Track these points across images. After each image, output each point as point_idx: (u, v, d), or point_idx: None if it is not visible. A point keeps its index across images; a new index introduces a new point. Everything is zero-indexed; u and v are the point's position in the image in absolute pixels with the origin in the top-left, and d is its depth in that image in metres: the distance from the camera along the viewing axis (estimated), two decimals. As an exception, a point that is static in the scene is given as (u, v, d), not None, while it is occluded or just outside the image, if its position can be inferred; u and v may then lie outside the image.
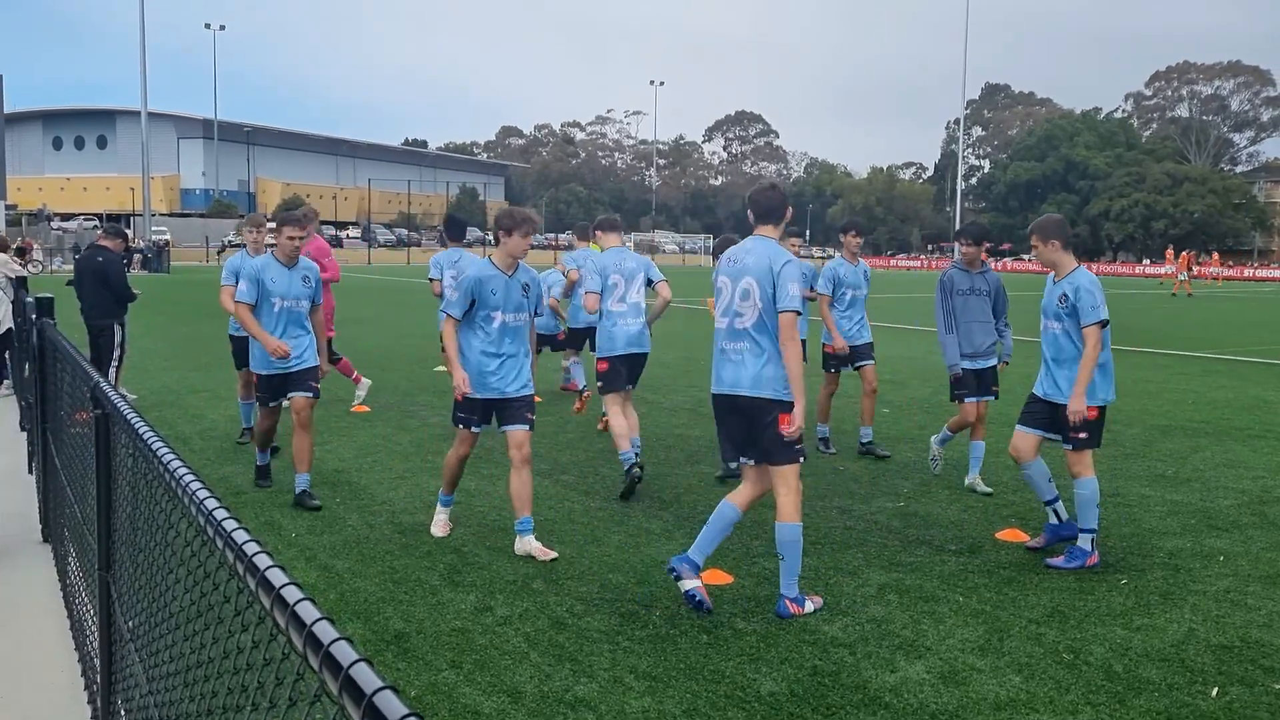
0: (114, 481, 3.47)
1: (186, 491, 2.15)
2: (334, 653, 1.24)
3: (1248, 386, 14.62)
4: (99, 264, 10.47)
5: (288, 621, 1.40)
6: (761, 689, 4.53)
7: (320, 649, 1.27)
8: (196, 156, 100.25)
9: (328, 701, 1.26)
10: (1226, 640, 5.21)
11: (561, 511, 7.41)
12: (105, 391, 3.40)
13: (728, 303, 5.52)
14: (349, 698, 1.16)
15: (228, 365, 15.16)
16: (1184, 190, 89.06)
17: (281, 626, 1.41)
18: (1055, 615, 5.51)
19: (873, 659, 4.88)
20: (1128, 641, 5.16)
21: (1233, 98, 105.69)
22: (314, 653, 1.28)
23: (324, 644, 1.28)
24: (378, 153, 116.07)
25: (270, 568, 1.61)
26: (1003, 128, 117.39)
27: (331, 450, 9.36)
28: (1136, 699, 4.52)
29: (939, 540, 6.86)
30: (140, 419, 2.87)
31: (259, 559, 1.65)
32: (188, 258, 64.81)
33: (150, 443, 2.57)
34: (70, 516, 5.05)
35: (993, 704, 4.44)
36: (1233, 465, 9.22)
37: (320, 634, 1.30)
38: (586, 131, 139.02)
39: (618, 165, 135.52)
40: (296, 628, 1.36)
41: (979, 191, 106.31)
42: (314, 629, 1.32)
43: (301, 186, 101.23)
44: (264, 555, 1.67)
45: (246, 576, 1.66)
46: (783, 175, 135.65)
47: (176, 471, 2.30)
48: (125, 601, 3.24)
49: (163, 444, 2.56)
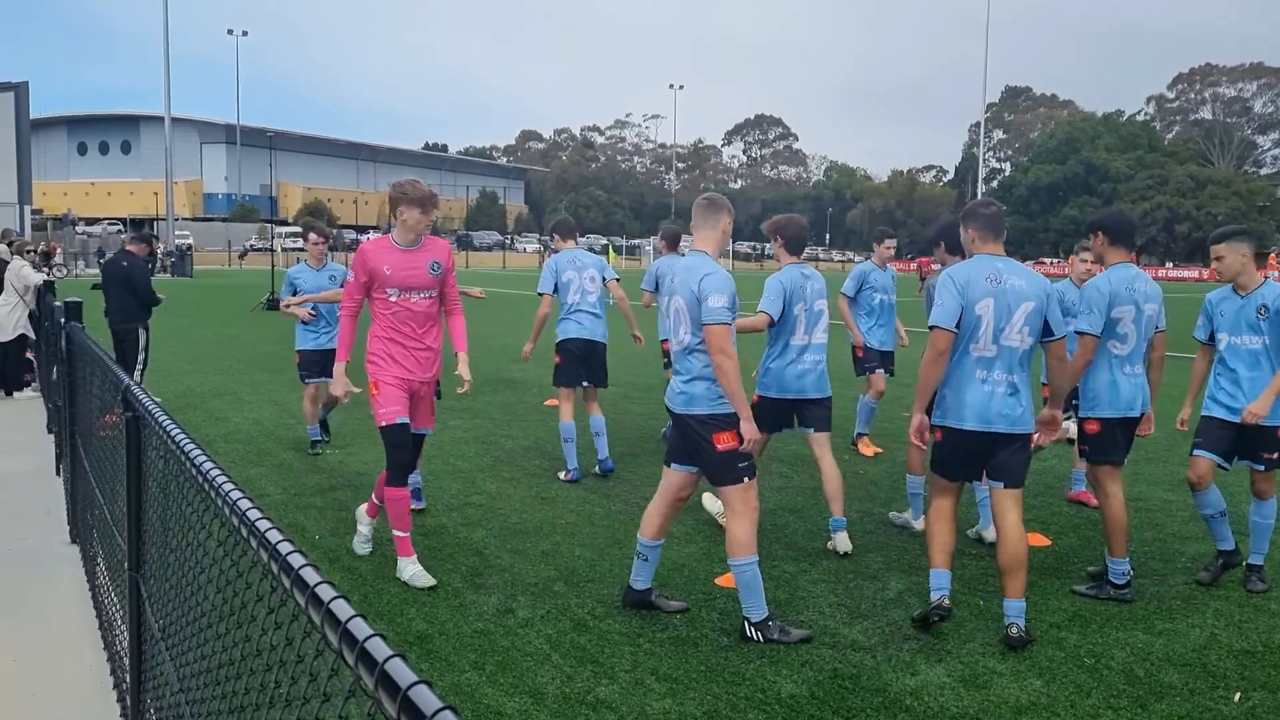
0: (144, 483, 3.53)
1: (220, 493, 2.19)
2: (369, 649, 1.28)
3: (1272, 391, 14.50)
4: (124, 269, 10.59)
5: (323, 619, 1.44)
6: (782, 691, 4.54)
7: (355, 645, 1.30)
8: (219, 161, 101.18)
9: (362, 697, 1.30)
10: (1249, 645, 5.19)
11: (583, 515, 7.45)
12: (136, 394, 3.46)
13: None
14: (384, 692, 1.20)
15: (252, 369, 15.36)
16: (1207, 193, 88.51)
17: (317, 624, 1.45)
18: (1076, 619, 5.50)
19: (893, 662, 4.89)
20: (1149, 646, 5.15)
21: (1256, 99, 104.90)
22: (349, 649, 1.32)
23: (359, 640, 1.31)
24: (398, 157, 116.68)
25: (304, 566, 1.65)
26: (1024, 130, 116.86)
27: (353, 453, 9.43)
28: (1158, 704, 4.51)
29: (959, 544, 6.81)
30: (171, 421, 2.92)
31: (293, 558, 1.69)
32: (210, 261, 65.31)
33: (183, 444, 2.62)
34: (99, 518, 5.13)
35: (1013, 708, 4.44)
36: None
37: (355, 631, 1.33)
38: (606, 135, 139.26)
39: (637, 169, 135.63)
40: (331, 625, 1.39)
41: (1000, 194, 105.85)
42: (349, 626, 1.36)
43: (323, 191, 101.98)
44: (298, 554, 1.71)
45: (281, 575, 1.70)
46: (802, 179, 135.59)
47: (209, 473, 2.35)
48: (156, 601, 3.29)
49: (195, 445, 2.61)
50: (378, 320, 6.07)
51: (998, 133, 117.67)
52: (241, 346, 18.71)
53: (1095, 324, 5.75)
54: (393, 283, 5.98)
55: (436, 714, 1.09)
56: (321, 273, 9.40)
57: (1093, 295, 5.80)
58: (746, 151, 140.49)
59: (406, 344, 6.03)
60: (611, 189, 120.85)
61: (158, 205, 73.27)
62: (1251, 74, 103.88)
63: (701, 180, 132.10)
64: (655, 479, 8.40)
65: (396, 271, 6.00)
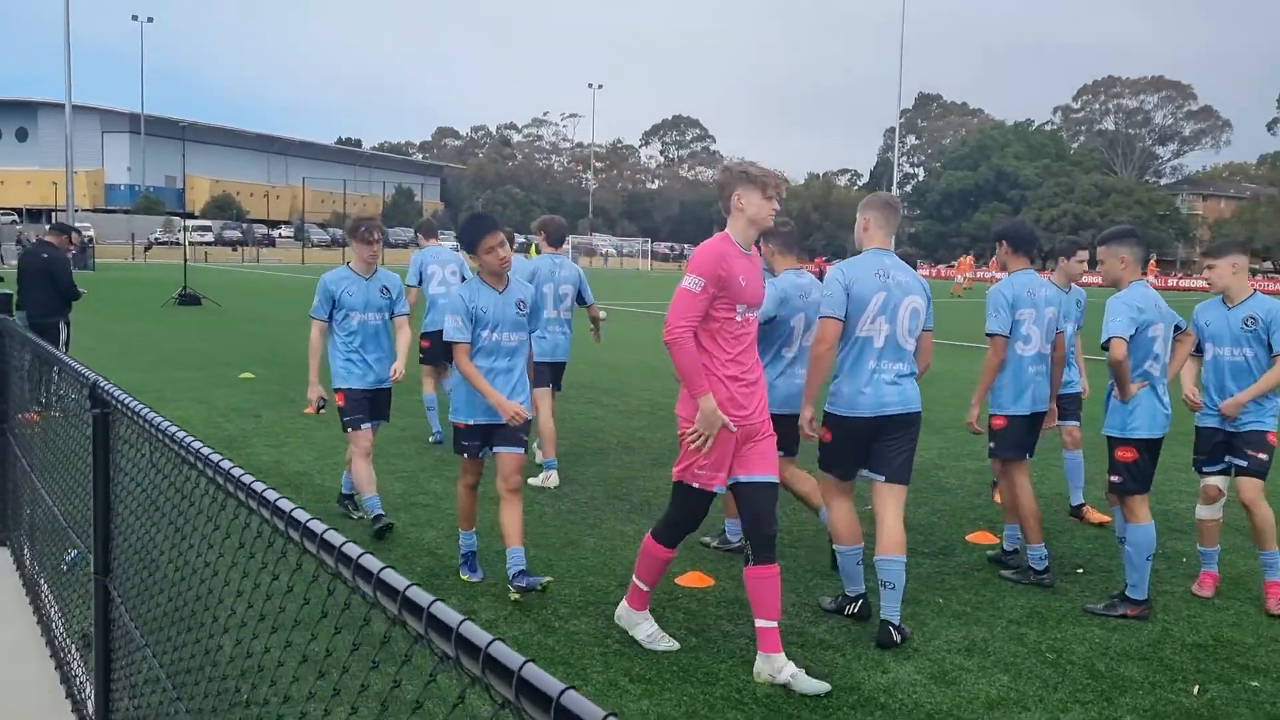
0: (113, 482, 3.36)
1: (231, 478, 2.08)
2: (464, 633, 1.22)
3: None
4: (44, 261, 10.16)
5: (401, 606, 1.37)
6: (757, 690, 4.52)
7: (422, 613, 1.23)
8: (122, 151, 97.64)
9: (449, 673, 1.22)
10: (1200, 639, 5.33)
11: (532, 514, 7.34)
12: (107, 389, 3.29)
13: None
14: (462, 653, 1.12)
15: (172, 365, 14.88)
16: (1111, 201, 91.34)
17: (369, 595, 1.40)
18: (1034, 616, 5.59)
19: (863, 660, 4.91)
20: (1106, 641, 5.26)
21: (1156, 111, 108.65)
22: (443, 636, 1.24)
23: (453, 626, 1.24)
24: (311, 151, 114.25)
25: (345, 544, 1.58)
26: (936, 137, 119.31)
27: (290, 452, 9.18)
28: (1122, 697, 4.61)
29: (912, 543, 6.87)
30: (154, 413, 2.77)
31: (330, 535, 1.62)
32: (113, 255, 63.18)
33: (174, 434, 2.48)
34: (44, 518, 4.88)
35: (985, 703, 4.49)
36: (1184, 469, 9.41)
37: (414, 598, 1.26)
38: (523, 133, 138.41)
39: (555, 168, 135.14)
40: (388, 595, 1.35)
41: (913, 199, 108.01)
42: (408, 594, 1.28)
43: (232, 184, 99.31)
44: (335, 533, 1.63)
45: (322, 554, 1.62)
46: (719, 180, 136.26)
47: (209, 457, 2.24)
48: (131, 603, 3.13)
49: (184, 434, 2.49)
50: (713, 351, 4.61)
51: (911, 138, 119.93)
52: (158, 343, 18.13)
53: (1003, 325, 6.02)
54: (744, 297, 4.63)
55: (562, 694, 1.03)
56: (373, 282, 6.91)
57: (997, 300, 6.08)
58: (664, 152, 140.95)
59: (744, 378, 4.67)
60: (529, 187, 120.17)
61: (56, 195, 70.69)
62: (1152, 86, 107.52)
63: (619, 180, 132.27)
64: (600, 479, 8.37)
65: (750, 282, 4.67)
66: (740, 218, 4.65)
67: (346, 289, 6.78)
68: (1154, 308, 5.73)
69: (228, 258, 65.23)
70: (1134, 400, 5.65)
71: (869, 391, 5.16)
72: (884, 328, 5.19)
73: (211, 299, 27.10)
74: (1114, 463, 5.73)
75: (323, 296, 6.74)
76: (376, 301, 6.87)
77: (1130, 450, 5.65)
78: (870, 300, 5.17)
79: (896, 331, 5.21)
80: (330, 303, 6.76)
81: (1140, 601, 5.59)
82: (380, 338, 6.90)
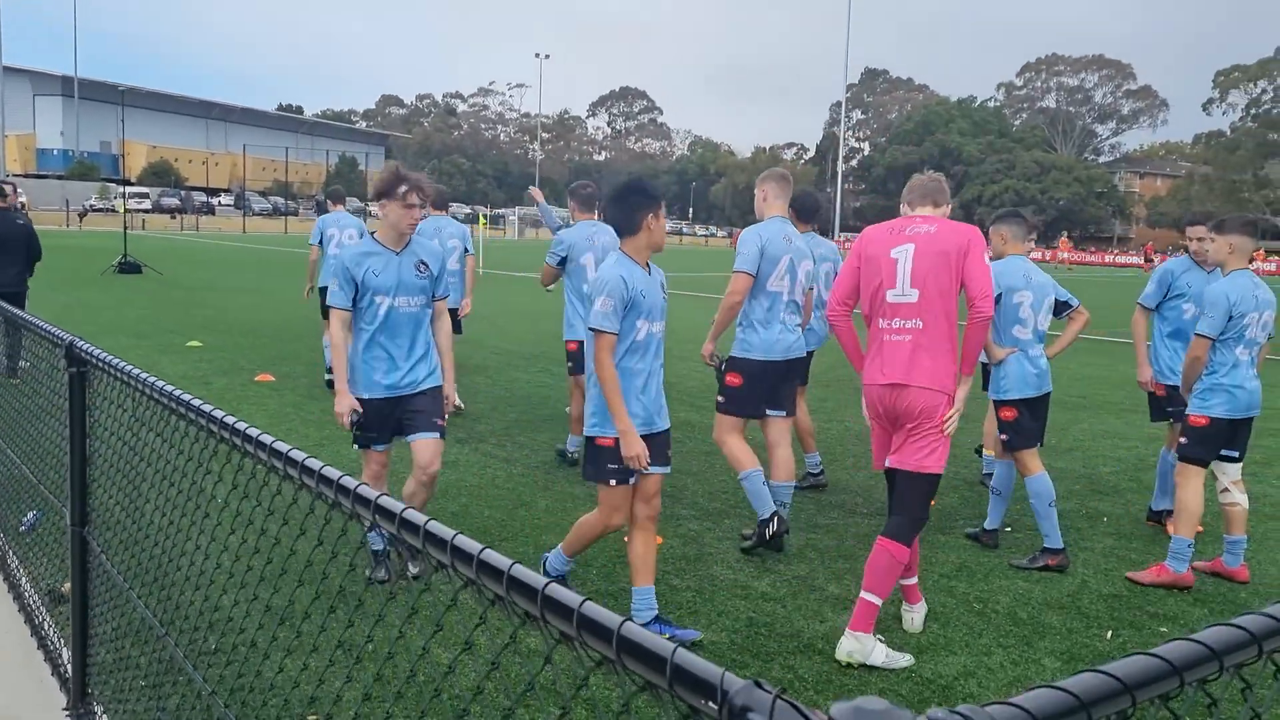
0: (90, 436, 3.51)
1: (225, 426, 2.27)
2: (487, 559, 1.41)
3: (1116, 364, 15.56)
4: (21, 226, 9.89)
5: (424, 539, 1.56)
6: (703, 640, 4.79)
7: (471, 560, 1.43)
8: (55, 115, 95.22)
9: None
10: (1114, 590, 5.70)
11: (485, 478, 7.55)
12: (84, 348, 3.43)
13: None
14: (552, 612, 1.33)
15: (115, 333, 14.78)
16: (1051, 178, 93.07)
17: (417, 546, 1.58)
18: (963, 570, 5.93)
19: (803, 611, 5.20)
20: (1029, 592, 5.61)
21: (1096, 90, 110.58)
22: (466, 563, 1.45)
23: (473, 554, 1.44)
24: (252, 118, 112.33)
25: (360, 485, 1.77)
26: (882, 112, 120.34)
27: (244, 419, 9.24)
28: (1041, 641, 4.95)
29: (850, 504, 7.25)
30: (142, 371, 2.94)
31: (346, 481, 1.81)
32: (47, 221, 61.67)
33: (165, 389, 2.65)
34: (6, 477, 4.99)
35: (915, 648, 4.79)
36: (1109, 436, 9.92)
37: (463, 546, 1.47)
38: (469, 103, 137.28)
39: (501, 138, 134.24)
40: (438, 546, 1.53)
41: (859, 174, 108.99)
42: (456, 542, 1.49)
43: (170, 150, 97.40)
44: (348, 478, 1.82)
45: (338, 497, 1.82)
46: (666, 152, 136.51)
47: (203, 408, 2.42)
48: (112, 551, 3.30)
49: (171, 387, 2.66)
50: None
51: (857, 113, 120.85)
52: (100, 311, 17.94)
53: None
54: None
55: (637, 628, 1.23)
56: (405, 257, 5.37)
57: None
58: (611, 124, 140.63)
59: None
60: (475, 157, 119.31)
61: (-11, 159, 68.80)
62: (1094, 65, 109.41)
63: (566, 151, 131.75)
64: (547, 445, 8.57)
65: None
66: None
67: (371, 267, 5.25)
68: (1021, 278, 6.19)
69: (166, 225, 64.06)
70: (1004, 365, 6.19)
71: (781, 338, 6.04)
72: (786, 284, 6.05)
73: (153, 267, 26.76)
74: (1000, 422, 6.23)
75: (344, 279, 5.25)
76: (411, 282, 5.33)
77: (1009, 410, 6.17)
78: (780, 260, 6.00)
79: (795, 288, 6.10)
80: (354, 286, 5.26)
81: (1058, 550, 5.97)
82: (416, 330, 5.39)
